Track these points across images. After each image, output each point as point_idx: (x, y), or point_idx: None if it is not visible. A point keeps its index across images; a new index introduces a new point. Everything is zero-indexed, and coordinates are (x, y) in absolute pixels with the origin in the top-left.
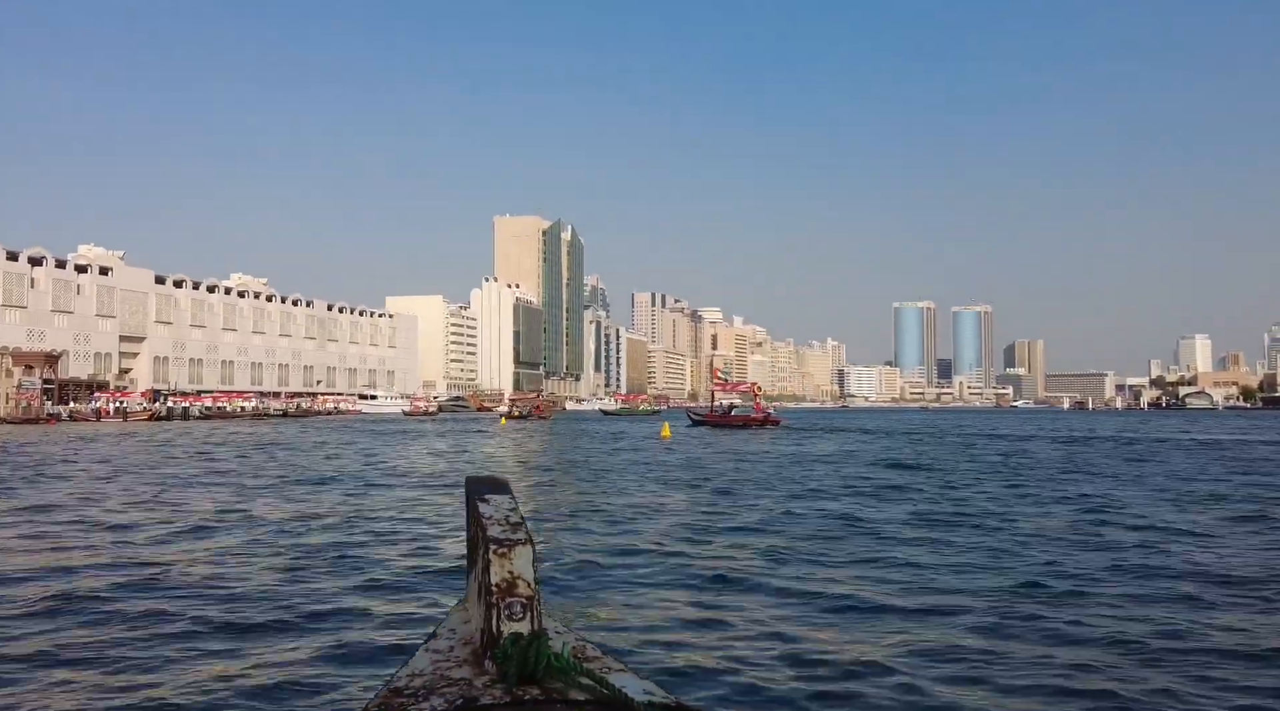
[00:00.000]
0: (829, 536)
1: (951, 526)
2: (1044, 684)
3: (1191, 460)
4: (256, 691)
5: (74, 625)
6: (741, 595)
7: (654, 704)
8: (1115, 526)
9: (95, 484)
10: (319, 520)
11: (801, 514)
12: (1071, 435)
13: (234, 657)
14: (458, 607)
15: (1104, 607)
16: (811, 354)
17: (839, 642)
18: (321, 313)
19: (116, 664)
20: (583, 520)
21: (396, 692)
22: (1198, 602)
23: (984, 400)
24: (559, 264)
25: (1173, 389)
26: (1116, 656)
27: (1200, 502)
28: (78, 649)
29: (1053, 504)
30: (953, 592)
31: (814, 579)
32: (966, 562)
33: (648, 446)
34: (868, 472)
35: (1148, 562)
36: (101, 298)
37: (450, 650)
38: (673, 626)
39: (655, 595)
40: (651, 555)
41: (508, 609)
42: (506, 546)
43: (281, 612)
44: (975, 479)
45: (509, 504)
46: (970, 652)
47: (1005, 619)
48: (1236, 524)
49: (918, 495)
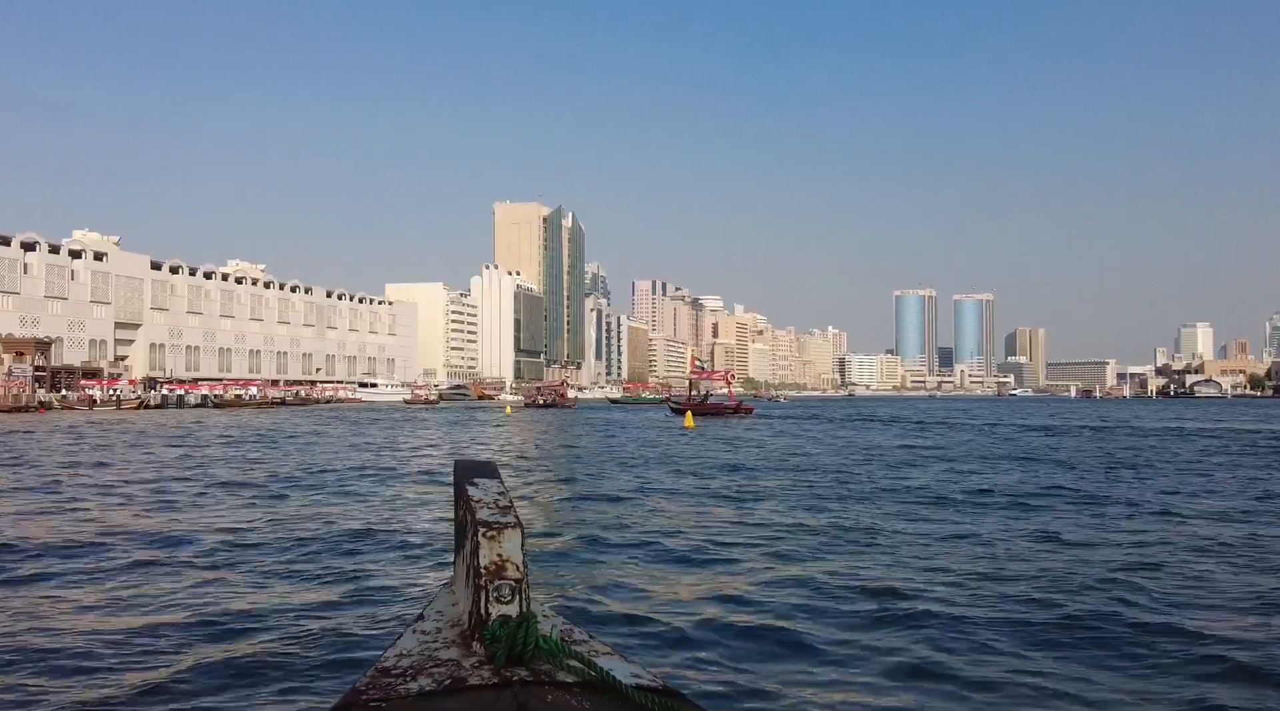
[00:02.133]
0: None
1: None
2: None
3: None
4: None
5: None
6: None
7: (641, 686)
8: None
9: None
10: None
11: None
12: (1132, 425)
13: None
14: (444, 590)
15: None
16: (813, 342)
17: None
18: (320, 300)
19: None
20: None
21: (384, 672)
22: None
23: (985, 389)
24: (560, 251)
25: (1179, 377)
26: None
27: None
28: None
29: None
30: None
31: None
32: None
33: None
34: (1003, 470)
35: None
36: (96, 284)
37: (438, 631)
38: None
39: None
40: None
41: (496, 591)
42: (495, 529)
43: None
44: (1140, 478)
45: (497, 488)
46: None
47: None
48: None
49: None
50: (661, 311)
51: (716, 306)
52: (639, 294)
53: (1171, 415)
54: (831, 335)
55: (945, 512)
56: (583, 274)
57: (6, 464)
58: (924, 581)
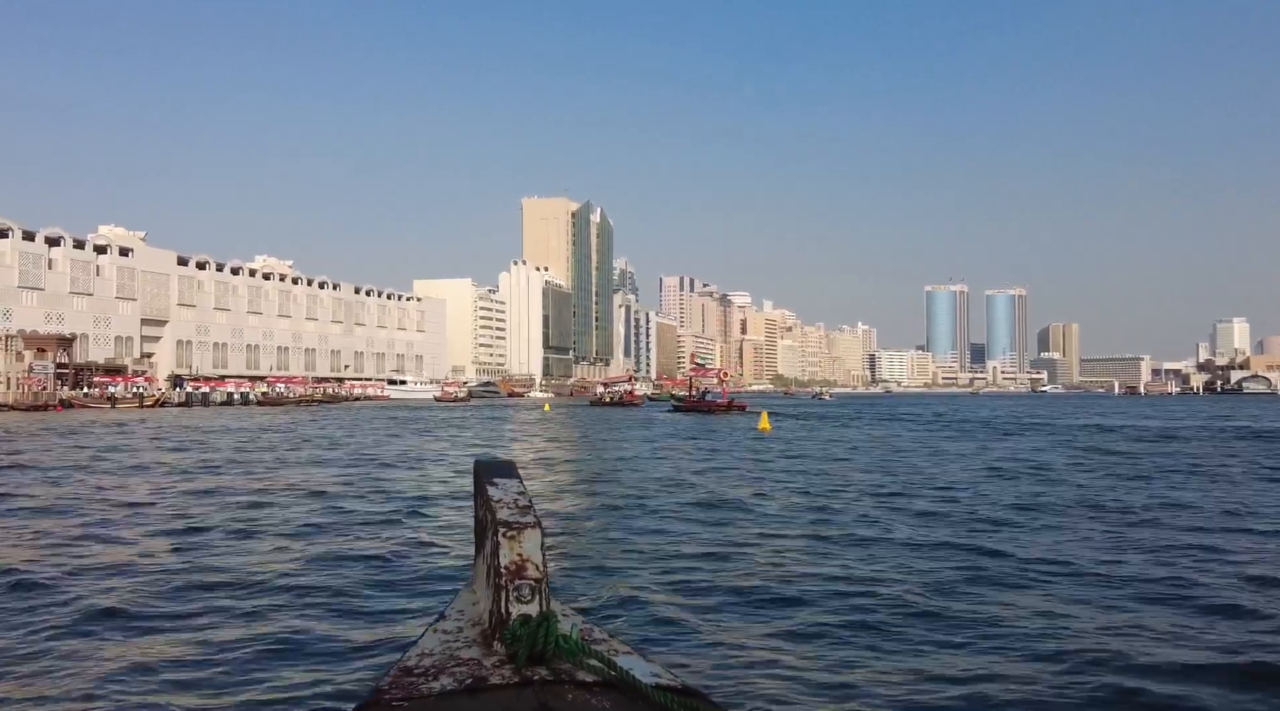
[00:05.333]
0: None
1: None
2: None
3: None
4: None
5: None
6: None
7: (661, 686)
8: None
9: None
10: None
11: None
12: (1252, 427)
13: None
14: (465, 589)
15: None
16: (842, 339)
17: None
18: (348, 296)
19: None
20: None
21: (407, 672)
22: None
23: (1018, 385)
24: (588, 246)
25: (1224, 373)
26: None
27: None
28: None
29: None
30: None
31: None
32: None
33: (786, 444)
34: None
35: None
36: (122, 279)
37: (459, 631)
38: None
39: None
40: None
41: (516, 591)
42: (516, 529)
43: None
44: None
45: (517, 487)
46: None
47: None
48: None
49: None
50: (690, 308)
51: (745, 302)
52: (666, 290)
53: (1246, 415)
54: (861, 331)
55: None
56: (611, 270)
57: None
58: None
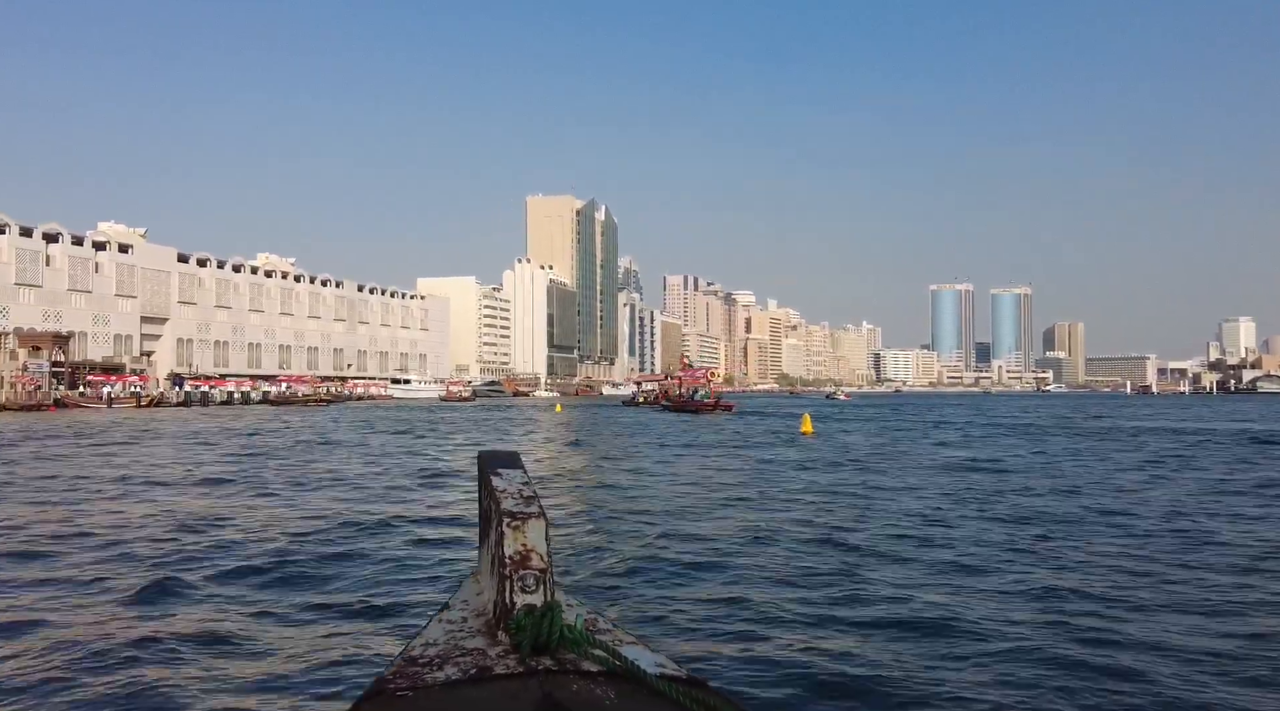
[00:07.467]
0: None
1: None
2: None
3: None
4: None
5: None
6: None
7: (666, 675)
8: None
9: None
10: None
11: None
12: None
13: None
14: (470, 580)
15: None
16: (846, 337)
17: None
18: (351, 294)
19: None
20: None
21: (411, 661)
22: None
23: (1024, 384)
24: (592, 245)
25: (1235, 372)
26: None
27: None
28: None
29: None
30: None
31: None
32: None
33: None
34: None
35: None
36: (121, 276)
37: (464, 621)
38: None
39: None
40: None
41: (521, 581)
42: (520, 519)
43: None
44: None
45: (521, 478)
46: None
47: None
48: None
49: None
50: (694, 306)
51: (749, 301)
52: (670, 288)
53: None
54: (866, 330)
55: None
56: (615, 268)
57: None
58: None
